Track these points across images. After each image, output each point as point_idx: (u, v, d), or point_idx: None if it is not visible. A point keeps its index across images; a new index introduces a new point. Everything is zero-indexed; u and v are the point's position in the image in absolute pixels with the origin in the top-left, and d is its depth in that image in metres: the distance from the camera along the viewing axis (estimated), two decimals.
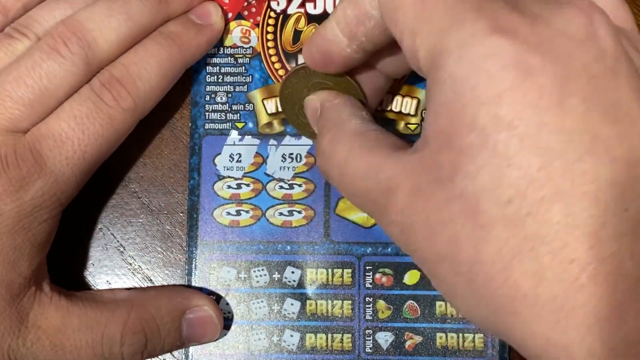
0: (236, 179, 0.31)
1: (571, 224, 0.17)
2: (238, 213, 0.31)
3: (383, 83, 0.27)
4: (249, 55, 0.32)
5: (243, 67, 0.32)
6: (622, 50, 0.19)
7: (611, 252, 0.17)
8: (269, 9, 0.32)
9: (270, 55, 0.32)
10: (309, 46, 0.24)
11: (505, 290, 0.18)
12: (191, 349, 0.30)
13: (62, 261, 0.31)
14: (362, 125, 0.23)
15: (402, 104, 0.31)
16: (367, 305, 0.31)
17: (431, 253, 0.20)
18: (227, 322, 0.31)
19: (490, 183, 0.18)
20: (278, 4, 0.32)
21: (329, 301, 0.31)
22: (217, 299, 0.31)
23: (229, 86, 0.32)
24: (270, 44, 0.32)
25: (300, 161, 0.31)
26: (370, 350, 0.30)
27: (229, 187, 0.31)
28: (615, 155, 0.17)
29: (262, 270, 0.31)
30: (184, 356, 0.31)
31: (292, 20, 0.32)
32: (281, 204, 0.31)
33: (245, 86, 0.32)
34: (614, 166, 0.17)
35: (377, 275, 0.31)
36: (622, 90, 0.18)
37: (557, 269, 0.17)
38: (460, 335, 0.30)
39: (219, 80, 0.32)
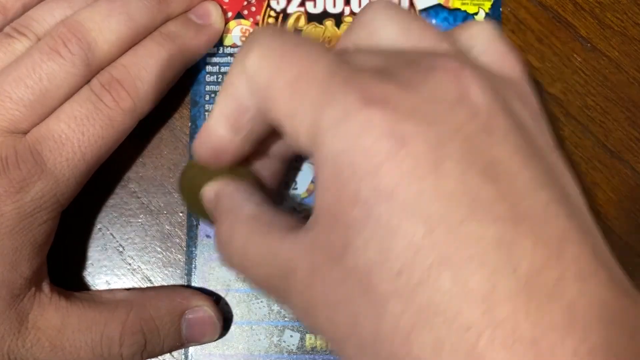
0: None
1: (461, 290, 0.16)
2: None
3: (278, 165, 0.27)
4: None
5: None
6: (497, 105, 0.19)
7: (505, 314, 0.16)
8: (268, 8, 0.32)
9: None
10: (197, 143, 0.24)
11: None
12: (191, 349, 0.30)
13: (61, 261, 0.30)
14: (257, 209, 0.23)
15: None
16: None
17: (335, 333, 0.19)
18: (226, 322, 0.31)
19: (379, 256, 0.17)
20: (278, 3, 0.32)
21: None
22: (216, 299, 0.31)
23: None
24: None
25: (299, 161, 0.31)
26: None
27: None
28: (497, 214, 0.17)
29: None
30: (183, 356, 0.31)
31: (292, 20, 0.32)
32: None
33: None
34: (498, 226, 0.17)
35: None
36: (499, 147, 0.18)
37: (454, 338, 0.16)
38: None
39: (219, 80, 0.32)
